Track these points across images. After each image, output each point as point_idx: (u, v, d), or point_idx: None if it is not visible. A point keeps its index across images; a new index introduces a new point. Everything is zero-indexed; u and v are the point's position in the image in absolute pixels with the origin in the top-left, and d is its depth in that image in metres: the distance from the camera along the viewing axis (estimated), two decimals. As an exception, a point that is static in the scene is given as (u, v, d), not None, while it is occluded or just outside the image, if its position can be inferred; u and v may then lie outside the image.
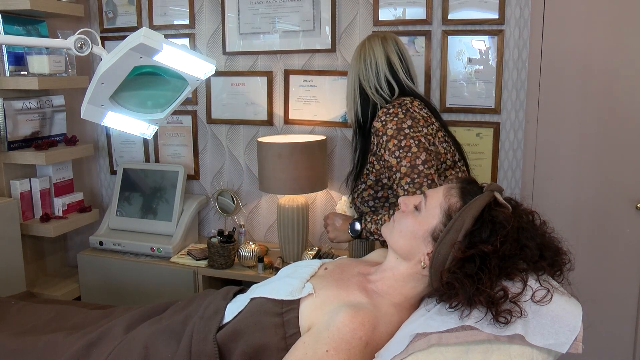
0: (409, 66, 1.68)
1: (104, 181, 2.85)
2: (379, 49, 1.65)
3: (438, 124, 1.59)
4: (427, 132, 1.50)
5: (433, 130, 1.53)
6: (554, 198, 2.18)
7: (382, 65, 1.64)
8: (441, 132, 1.56)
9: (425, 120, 1.53)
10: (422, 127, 1.50)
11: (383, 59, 1.64)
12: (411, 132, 1.48)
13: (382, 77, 1.63)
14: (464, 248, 1.04)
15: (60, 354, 1.24)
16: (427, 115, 1.56)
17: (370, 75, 1.64)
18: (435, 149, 1.49)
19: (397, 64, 1.64)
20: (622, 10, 2.01)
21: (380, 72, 1.63)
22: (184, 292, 2.24)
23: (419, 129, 1.49)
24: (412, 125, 1.49)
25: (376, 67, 1.64)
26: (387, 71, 1.63)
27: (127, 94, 1.23)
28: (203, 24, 2.52)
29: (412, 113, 1.52)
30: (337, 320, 1.03)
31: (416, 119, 1.51)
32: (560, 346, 0.93)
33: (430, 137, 1.50)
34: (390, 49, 1.66)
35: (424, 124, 1.51)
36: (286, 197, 2.22)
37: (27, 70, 2.23)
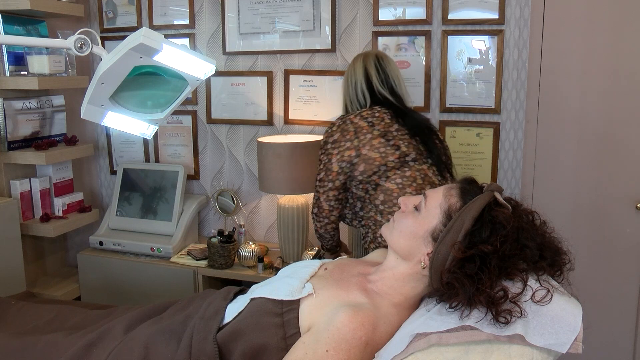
0: (387, 76, 1.77)
1: (104, 181, 2.85)
2: (359, 65, 1.80)
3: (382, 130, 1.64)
4: (350, 145, 1.62)
5: (362, 141, 1.62)
6: (554, 198, 2.18)
7: (360, 79, 1.77)
8: (380, 139, 1.62)
9: (358, 132, 1.63)
10: (349, 140, 1.63)
11: (362, 74, 1.78)
12: (330, 148, 1.66)
13: (359, 91, 1.77)
14: (464, 248, 1.04)
15: (60, 354, 1.24)
16: (367, 125, 1.64)
17: (350, 92, 1.79)
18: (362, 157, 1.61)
19: (373, 76, 1.76)
20: (622, 11, 2.01)
21: (357, 87, 1.78)
22: (184, 292, 2.24)
23: (341, 144, 1.63)
24: (338, 139, 1.65)
25: (355, 84, 1.78)
26: (363, 83, 1.76)
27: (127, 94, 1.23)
28: (203, 24, 2.52)
29: (345, 125, 1.66)
30: (337, 320, 1.03)
31: (345, 131, 1.64)
32: (560, 346, 0.93)
33: (352, 151, 1.62)
34: (369, 62, 1.79)
35: (352, 136, 1.63)
36: (286, 197, 2.22)
37: (27, 70, 2.23)
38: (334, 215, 1.71)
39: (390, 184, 1.59)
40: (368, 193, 1.63)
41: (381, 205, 1.60)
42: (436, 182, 1.64)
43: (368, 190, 1.63)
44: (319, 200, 1.69)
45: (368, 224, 1.67)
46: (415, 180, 1.60)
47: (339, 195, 1.68)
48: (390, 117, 1.68)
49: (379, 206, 1.61)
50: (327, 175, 1.66)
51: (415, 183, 1.60)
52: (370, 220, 1.65)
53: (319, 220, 1.74)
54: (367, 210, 1.66)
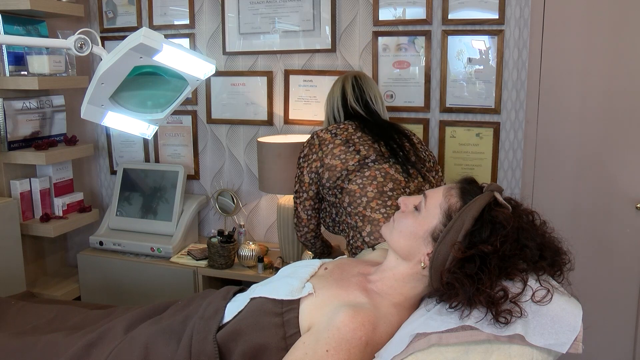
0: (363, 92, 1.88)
1: (104, 181, 2.85)
2: (338, 85, 1.93)
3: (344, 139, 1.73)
4: (315, 158, 1.75)
5: (325, 151, 1.73)
6: (554, 198, 2.18)
7: (337, 96, 1.91)
8: (341, 147, 1.72)
9: (322, 144, 1.75)
10: (315, 153, 1.75)
11: (339, 92, 1.91)
12: (301, 162, 1.79)
13: (335, 108, 1.91)
14: (464, 248, 1.04)
15: (60, 354, 1.24)
16: (330, 136, 1.75)
17: (328, 110, 1.93)
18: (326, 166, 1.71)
19: (348, 93, 1.88)
20: (622, 11, 2.01)
21: (334, 104, 1.91)
22: (184, 292, 2.24)
23: (309, 157, 1.76)
24: (307, 153, 1.78)
25: (332, 102, 1.92)
26: (339, 100, 1.90)
27: (127, 94, 1.23)
28: (203, 24, 2.52)
29: (313, 140, 1.78)
30: (337, 320, 1.03)
31: (312, 145, 1.77)
32: (560, 346, 0.93)
33: (317, 162, 1.73)
34: (347, 82, 1.91)
35: (317, 149, 1.75)
36: (286, 197, 2.22)
37: (27, 70, 2.23)
38: (312, 223, 1.83)
39: (352, 185, 1.66)
40: (337, 197, 1.70)
41: (348, 207, 1.66)
42: (400, 179, 1.67)
43: (337, 195, 1.70)
44: (297, 210, 1.82)
45: (344, 229, 1.73)
46: (375, 178, 1.65)
47: (315, 205, 1.80)
48: (354, 127, 1.78)
49: (347, 208, 1.66)
50: (300, 187, 1.78)
51: (376, 181, 1.64)
52: (344, 224, 1.71)
53: (299, 230, 1.85)
54: (340, 215, 1.73)
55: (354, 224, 1.64)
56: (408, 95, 2.27)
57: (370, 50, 2.29)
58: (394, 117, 2.29)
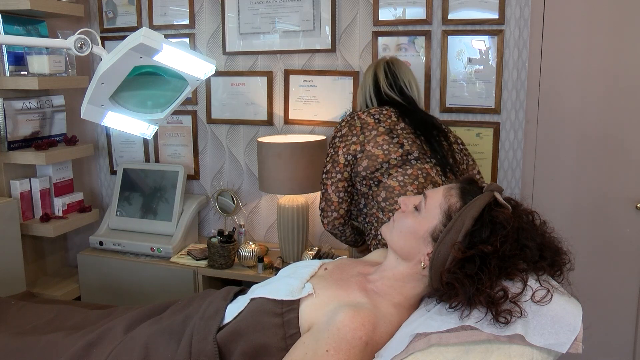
0: (396, 78, 1.81)
1: (104, 181, 2.85)
2: (370, 72, 1.86)
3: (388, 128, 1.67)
4: (354, 140, 1.66)
5: (368, 137, 1.65)
6: (554, 198, 2.18)
7: (370, 83, 1.83)
8: (384, 136, 1.64)
9: (363, 127, 1.67)
10: (355, 135, 1.66)
11: (371, 79, 1.83)
12: (337, 142, 1.69)
13: (367, 95, 1.83)
14: (464, 248, 1.04)
15: (60, 354, 1.24)
16: (373, 121, 1.67)
17: (360, 99, 1.87)
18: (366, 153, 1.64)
19: (381, 79, 1.81)
20: (623, 11, 2.01)
21: (367, 92, 1.83)
22: (184, 292, 2.24)
23: (348, 138, 1.67)
24: (345, 133, 1.69)
25: (365, 90, 1.85)
26: (372, 87, 1.82)
27: (127, 94, 1.23)
28: (203, 24, 2.52)
29: (353, 121, 1.69)
30: (337, 320, 1.03)
31: (353, 126, 1.68)
32: (560, 346, 0.93)
33: (357, 146, 1.65)
34: (379, 68, 1.84)
35: (358, 131, 1.66)
36: (286, 197, 2.22)
37: (27, 70, 2.23)
38: (342, 208, 1.68)
39: (392, 181, 1.60)
40: (371, 189, 1.64)
41: (383, 202, 1.61)
42: (439, 182, 1.62)
43: (371, 186, 1.64)
44: (327, 192, 1.68)
45: (371, 221, 1.67)
46: (417, 178, 1.60)
47: (348, 188, 1.68)
48: (397, 116, 1.70)
49: (381, 203, 1.61)
50: (334, 167, 1.67)
51: (417, 181, 1.59)
52: (373, 217, 1.65)
53: (327, 216, 1.70)
54: (370, 207, 1.66)
55: (385, 220, 1.59)
56: (408, 95, 2.27)
57: (370, 50, 2.29)
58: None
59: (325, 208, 1.70)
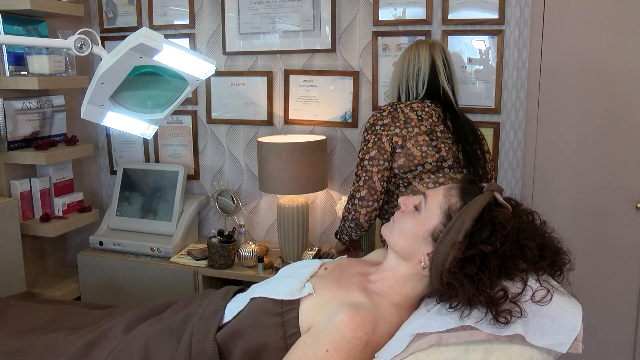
0: (451, 74, 1.72)
1: (104, 181, 2.85)
2: (425, 53, 1.71)
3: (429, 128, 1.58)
4: (397, 132, 1.55)
5: (410, 133, 1.56)
6: (554, 198, 2.18)
7: (426, 68, 1.68)
8: (425, 137, 1.57)
9: (406, 122, 1.57)
10: (398, 127, 1.56)
11: (428, 63, 1.69)
12: (379, 129, 1.57)
13: (420, 79, 1.68)
14: (464, 248, 1.04)
15: (60, 354, 1.24)
16: (416, 118, 1.59)
17: (411, 77, 1.70)
18: (405, 150, 1.55)
19: (441, 71, 1.69)
20: (622, 10, 2.01)
21: (420, 75, 1.69)
22: (184, 292, 2.24)
23: (390, 129, 1.56)
24: (388, 123, 1.57)
25: (417, 71, 1.69)
26: (427, 74, 1.68)
27: (127, 94, 1.23)
28: (203, 24, 2.52)
29: (396, 113, 1.59)
30: (337, 320, 1.03)
31: (396, 118, 1.58)
32: (560, 346, 0.93)
33: (399, 139, 1.55)
34: (436, 53, 1.71)
35: (401, 124, 1.56)
36: (286, 197, 2.22)
37: (27, 70, 2.23)
38: (382, 199, 1.57)
39: (422, 186, 1.56)
40: (398, 189, 1.59)
41: None
42: None
43: (399, 186, 1.58)
44: (372, 180, 1.54)
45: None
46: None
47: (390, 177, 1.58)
48: (437, 116, 1.62)
49: None
50: (380, 154, 1.54)
51: None
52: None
53: (366, 205, 1.55)
54: (391, 205, 1.62)
55: None
56: (408, 95, 2.27)
57: (370, 50, 2.29)
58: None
59: (366, 197, 1.55)
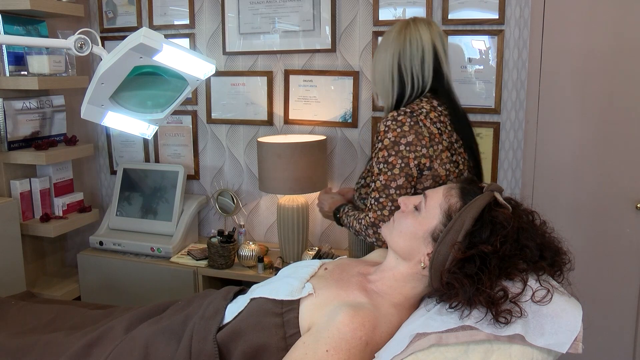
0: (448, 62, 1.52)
1: (104, 181, 2.85)
2: (427, 33, 1.46)
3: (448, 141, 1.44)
4: (424, 153, 1.38)
5: (436, 152, 1.39)
6: (554, 198, 2.18)
7: (429, 52, 1.45)
8: (447, 153, 1.41)
9: (431, 139, 1.39)
10: (423, 147, 1.38)
11: (430, 46, 1.45)
12: (405, 151, 1.37)
13: (426, 66, 1.45)
14: (464, 248, 1.04)
15: (60, 354, 1.24)
16: (437, 132, 1.41)
17: (415, 60, 1.45)
18: (432, 172, 1.40)
19: (442, 56, 1.47)
20: (623, 10, 2.01)
21: (425, 59, 1.45)
22: (184, 292, 2.24)
23: (416, 149, 1.37)
24: (412, 142, 1.37)
25: (422, 53, 1.45)
26: (431, 60, 1.45)
27: (127, 94, 1.23)
28: (203, 24, 2.52)
29: (419, 128, 1.38)
30: (337, 320, 1.03)
31: (421, 135, 1.38)
32: (560, 346, 0.93)
33: (427, 160, 1.38)
34: (436, 36, 1.47)
35: (427, 143, 1.38)
36: (286, 197, 2.22)
37: (27, 70, 2.23)
38: None
39: None
40: None
41: None
42: None
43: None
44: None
45: None
46: None
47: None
48: (450, 123, 1.46)
49: None
50: (408, 182, 1.37)
51: None
52: None
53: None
54: None
55: None
56: (408, 95, 2.26)
57: (370, 50, 2.29)
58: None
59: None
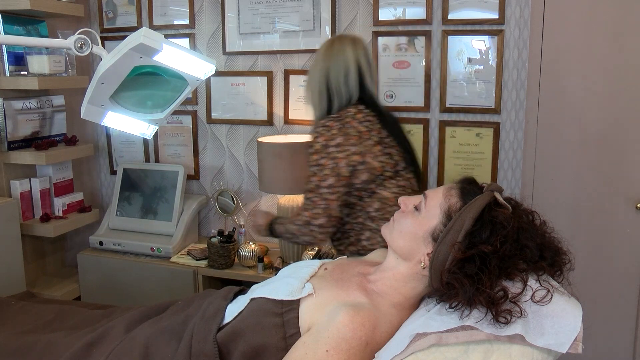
0: (372, 73, 1.70)
1: (104, 181, 2.85)
2: (350, 51, 1.66)
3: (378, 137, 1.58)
4: (354, 151, 1.52)
5: (366, 147, 1.54)
6: (554, 198, 2.18)
7: (353, 69, 1.64)
8: (379, 147, 1.56)
9: (360, 137, 1.55)
10: (352, 145, 1.53)
11: (353, 62, 1.65)
12: (335, 152, 1.52)
13: (350, 79, 1.64)
14: (464, 248, 1.04)
15: (60, 354, 1.24)
16: (366, 130, 1.57)
17: (340, 77, 1.64)
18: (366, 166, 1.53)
19: (365, 69, 1.66)
20: (623, 10, 2.01)
21: (349, 74, 1.64)
22: (184, 292, 2.24)
23: (346, 148, 1.52)
24: (341, 142, 1.53)
25: (346, 70, 1.64)
26: (355, 75, 1.64)
27: (127, 94, 1.23)
28: (203, 24, 2.52)
29: (347, 129, 1.55)
30: (337, 320, 1.03)
31: (349, 135, 1.54)
32: (560, 346, 0.93)
33: (358, 157, 1.52)
34: (360, 53, 1.67)
35: (356, 141, 1.53)
36: (286, 197, 2.22)
37: (27, 70, 2.23)
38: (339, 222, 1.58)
39: (387, 192, 1.57)
40: (362, 200, 1.58)
41: (374, 212, 1.57)
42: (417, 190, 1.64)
43: (362, 197, 1.58)
44: (330, 208, 1.52)
45: (353, 228, 1.62)
46: (404, 188, 1.61)
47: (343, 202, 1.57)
48: (378, 122, 1.62)
49: (371, 213, 1.57)
50: (339, 180, 1.51)
51: (406, 191, 1.61)
52: (357, 225, 1.61)
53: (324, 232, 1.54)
54: (354, 217, 1.60)
55: (375, 227, 1.56)
56: (408, 95, 2.27)
57: (370, 50, 2.29)
58: (394, 117, 2.29)
59: (325, 224, 1.53)
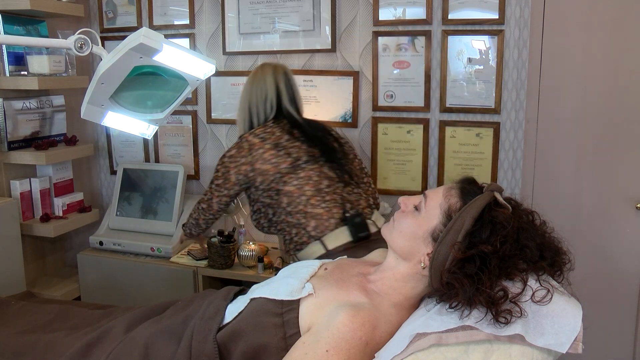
0: (295, 93, 1.91)
1: (104, 181, 2.85)
2: (270, 78, 1.90)
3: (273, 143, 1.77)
4: (245, 161, 1.77)
5: (255, 157, 1.76)
6: (554, 198, 2.18)
7: (272, 94, 1.88)
8: (272, 151, 1.76)
9: (251, 149, 1.77)
10: (243, 156, 1.78)
11: (273, 89, 1.89)
12: (227, 161, 1.80)
13: (268, 103, 1.88)
14: (464, 248, 1.04)
15: (60, 354, 1.24)
16: (259, 141, 1.78)
17: (260, 104, 1.89)
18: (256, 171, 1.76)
19: (283, 92, 1.88)
20: (622, 10, 2.01)
21: (267, 99, 1.88)
22: (184, 292, 2.24)
23: (237, 159, 1.78)
24: (234, 155, 1.80)
25: (265, 95, 1.88)
26: (274, 99, 1.88)
27: (127, 94, 1.23)
28: (203, 24, 2.52)
29: (241, 143, 1.80)
30: (337, 320, 1.03)
31: (242, 148, 1.79)
32: (560, 346, 0.93)
33: (247, 166, 1.77)
34: (279, 78, 1.90)
35: (246, 153, 1.78)
36: (286, 197, 2.22)
37: (27, 70, 2.23)
38: (219, 213, 1.93)
39: (288, 187, 1.73)
40: (273, 199, 1.76)
41: (288, 207, 1.73)
42: (333, 175, 1.76)
43: (272, 197, 1.76)
44: (212, 200, 1.87)
45: (283, 227, 1.78)
46: (310, 178, 1.73)
47: (229, 201, 1.88)
48: (280, 131, 1.81)
49: (286, 208, 1.74)
50: (225, 183, 1.82)
51: (312, 180, 1.73)
52: (284, 223, 1.76)
53: (205, 215, 1.93)
54: (278, 215, 1.77)
55: (296, 222, 1.72)
56: (408, 95, 2.27)
57: (370, 50, 2.29)
58: (394, 117, 2.30)
59: (206, 209, 1.91)
